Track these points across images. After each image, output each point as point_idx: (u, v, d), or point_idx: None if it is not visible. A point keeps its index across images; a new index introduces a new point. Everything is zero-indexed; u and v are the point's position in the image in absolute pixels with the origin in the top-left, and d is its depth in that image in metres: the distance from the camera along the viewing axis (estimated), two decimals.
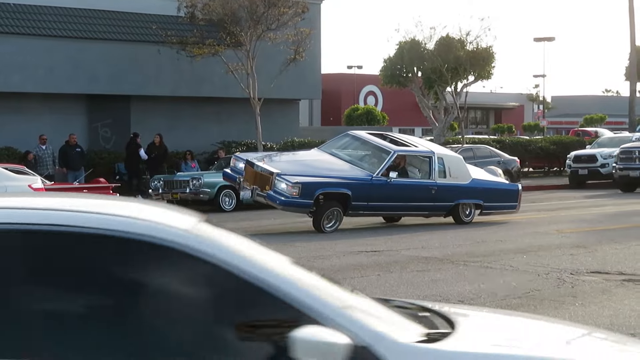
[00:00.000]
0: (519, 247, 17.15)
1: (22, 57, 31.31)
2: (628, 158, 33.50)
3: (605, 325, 10.15)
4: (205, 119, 36.11)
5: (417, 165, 22.08)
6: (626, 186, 33.64)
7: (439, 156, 21.97)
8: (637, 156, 33.24)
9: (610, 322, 10.36)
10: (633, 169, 33.22)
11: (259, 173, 20.31)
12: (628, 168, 33.30)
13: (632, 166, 33.26)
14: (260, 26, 32.55)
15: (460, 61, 39.42)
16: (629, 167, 33.30)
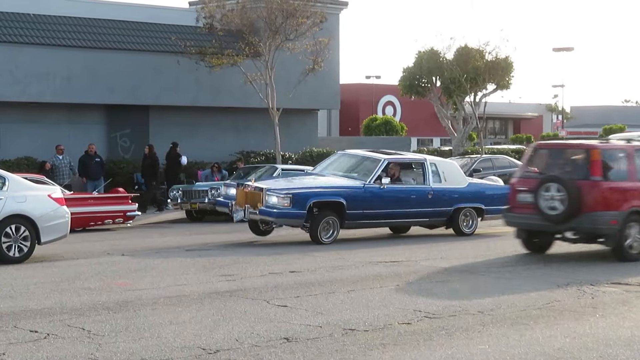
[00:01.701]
0: (539, 257, 17.11)
1: (41, 67, 31.47)
2: None
3: (625, 337, 10.15)
4: (223, 129, 36.20)
5: (411, 174, 22.13)
6: None
7: (431, 162, 22.07)
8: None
9: (631, 334, 10.36)
10: None
11: (249, 192, 20.39)
12: None
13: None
14: (278, 36, 32.64)
15: (479, 71, 39.42)
16: None
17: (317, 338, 10.04)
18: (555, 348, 9.58)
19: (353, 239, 21.23)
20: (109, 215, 24.87)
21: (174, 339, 9.97)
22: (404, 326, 10.70)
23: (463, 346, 9.68)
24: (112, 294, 13.00)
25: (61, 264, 16.71)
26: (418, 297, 12.70)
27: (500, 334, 10.30)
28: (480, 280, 14.28)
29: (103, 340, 9.91)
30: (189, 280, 14.32)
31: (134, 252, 18.64)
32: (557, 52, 76.64)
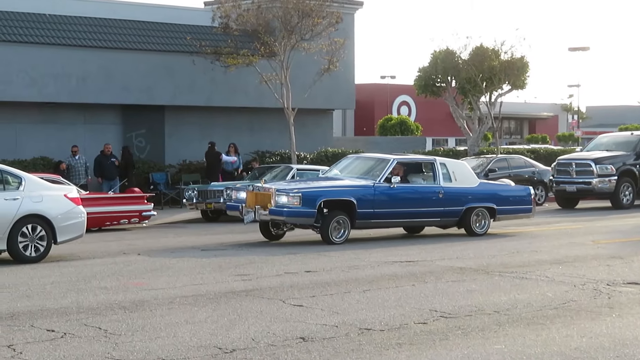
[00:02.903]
0: (555, 257, 17.10)
1: (57, 68, 31.58)
2: (564, 171, 31.34)
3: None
4: (238, 129, 36.25)
5: (421, 174, 22.15)
6: (564, 201, 31.77)
7: (441, 162, 22.08)
8: (573, 169, 31.00)
9: None
10: (569, 182, 31.13)
11: (259, 194, 20.43)
12: (564, 182, 31.18)
13: (568, 180, 31.16)
14: (294, 36, 32.67)
15: (494, 71, 39.32)
16: (565, 180, 31.16)
17: (333, 337, 10.05)
18: (572, 348, 9.57)
19: (368, 239, 21.23)
20: (124, 215, 24.94)
21: (190, 338, 10.00)
22: (420, 326, 10.70)
23: (479, 346, 9.67)
24: (129, 293, 13.04)
25: (77, 264, 16.77)
26: (434, 296, 12.70)
27: (517, 333, 10.28)
28: (496, 280, 14.27)
29: (120, 340, 9.94)
30: (204, 280, 14.35)
31: (150, 252, 18.69)
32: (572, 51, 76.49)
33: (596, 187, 30.37)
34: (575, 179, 30.90)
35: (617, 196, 30.46)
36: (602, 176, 30.33)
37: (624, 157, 31.03)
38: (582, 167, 30.81)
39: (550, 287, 13.49)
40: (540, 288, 13.46)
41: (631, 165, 30.88)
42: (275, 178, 26.99)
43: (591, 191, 30.72)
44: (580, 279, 14.25)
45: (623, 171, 30.59)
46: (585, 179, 30.57)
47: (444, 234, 22.27)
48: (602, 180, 30.30)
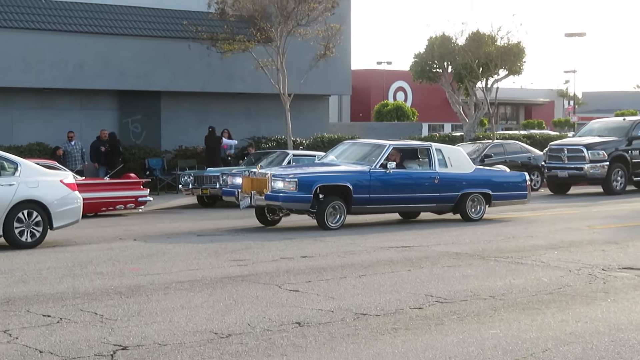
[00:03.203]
0: (550, 243, 17.11)
1: (54, 54, 31.51)
2: (556, 157, 31.34)
3: (637, 321, 10.13)
4: (235, 115, 36.22)
5: (417, 160, 22.15)
6: (555, 187, 31.76)
7: (436, 148, 22.10)
8: (565, 155, 31.01)
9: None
10: (561, 168, 31.08)
11: (255, 179, 20.42)
12: (556, 167, 31.18)
13: (559, 165, 31.15)
14: (290, 22, 32.60)
15: (491, 56, 39.30)
16: (557, 166, 31.23)
17: (328, 322, 10.05)
18: (567, 332, 9.57)
19: (364, 224, 21.24)
20: (120, 201, 24.93)
21: (186, 323, 9.99)
22: (416, 311, 10.70)
23: (474, 331, 9.67)
24: (125, 278, 13.04)
25: (73, 249, 16.76)
26: (430, 282, 12.70)
27: (512, 318, 10.29)
28: (492, 265, 14.27)
29: (116, 325, 9.93)
30: (200, 265, 14.35)
31: (146, 237, 18.68)
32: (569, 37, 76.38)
33: (588, 172, 30.35)
34: (567, 164, 30.88)
35: (609, 182, 30.44)
36: (594, 162, 30.30)
37: (615, 142, 30.99)
38: (573, 153, 30.78)
39: (546, 272, 13.50)
40: (535, 273, 13.47)
41: (623, 151, 30.84)
42: (272, 164, 26.98)
43: (583, 177, 30.71)
44: (575, 264, 14.27)
45: (615, 157, 30.55)
46: (577, 165, 30.54)
47: (440, 219, 22.28)
48: (593, 165, 30.27)
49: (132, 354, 8.70)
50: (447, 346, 9.01)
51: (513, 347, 8.96)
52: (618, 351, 8.82)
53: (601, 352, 8.79)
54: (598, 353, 8.74)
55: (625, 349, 8.93)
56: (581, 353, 8.74)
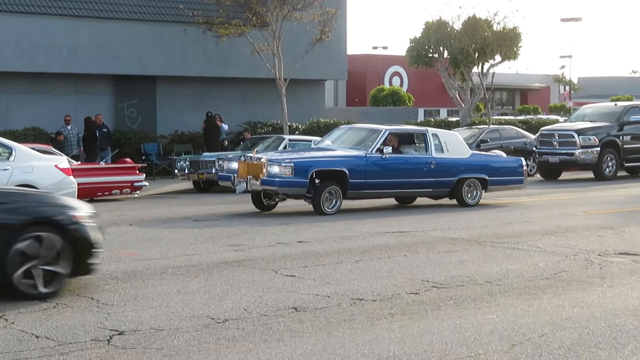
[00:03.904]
0: (546, 228, 17.12)
1: (48, 38, 31.43)
2: (547, 142, 31.22)
3: (633, 307, 10.15)
4: (231, 100, 36.18)
5: (413, 145, 22.14)
6: (547, 172, 31.64)
7: (433, 133, 22.09)
8: (556, 140, 30.87)
9: (639, 303, 10.35)
10: (552, 154, 30.94)
11: (251, 164, 20.41)
12: (547, 153, 31.03)
13: (550, 151, 30.99)
14: (286, 6, 32.54)
15: (487, 42, 39.28)
16: (548, 152, 31.02)
17: (325, 308, 10.06)
18: (564, 318, 9.59)
19: (360, 209, 21.23)
20: (116, 186, 24.88)
21: (183, 308, 9.99)
22: (412, 296, 10.71)
23: (471, 316, 9.68)
24: (121, 263, 13.02)
25: None
26: (426, 267, 12.71)
27: (508, 303, 10.30)
28: (488, 250, 14.28)
29: (112, 310, 9.93)
30: (197, 250, 14.34)
31: (142, 222, 18.66)
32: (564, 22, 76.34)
33: (579, 158, 30.29)
34: (558, 150, 30.78)
35: (600, 167, 30.38)
36: (585, 147, 30.24)
37: (607, 128, 30.93)
38: (564, 139, 30.72)
39: (542, 258, 13.51)
40: (532, 258, 13.47)
41: (614, 137, 30.79)
42: (268, 148, 26.94)
43: (574, 162, 30.67)
44: (571, 250, 14.28)
45: (606, 142, 30.49)
46: (568, 150, 30.49)
47: (436, 204, 22.28)
48: (584, 151, 30.21)
49: (129, 339, 8.70)
50: (443, 331, 9.02)
51: (509, 332, 8.97)
52: (614, 336, 8.84)
53: (597, 337, 8.80)
54: (594, 338, 8.75)
55: (621, 334, 8.94)
56: (577, 338, 8.75)
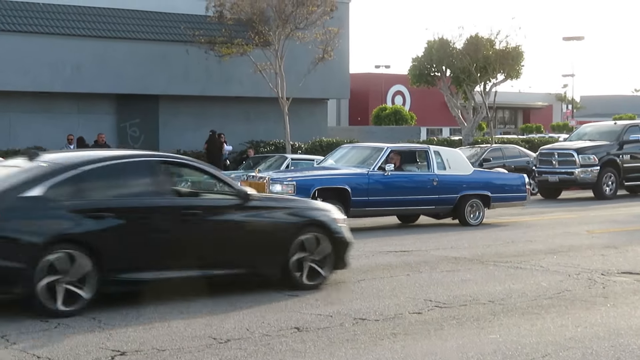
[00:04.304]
0: (549, 247, 17.09)
1: (51, 57, 31.51)
2: (546, 161, 30.94)
3: (637, 326, 10.12)
4: (233, 119, 36.21)
5: (415, 162, 22.15)
6: (546, 191, 31.32)
7: (435, 150, 22.10)
8: (556, 159, 30.69)
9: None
10: (552, 172, 30.65)
11: (253, 183, 20.41)
12: (546, 172, 30.72)
13: (550, 170, 30.71)
14: (288, 25, 32.61)
15: (489, 60, 39.35)
16: (548, 170, 30.70)
17: (327, 327, 10.03)
18: (567, 337, 9.56)
19: (362, 228, 21.20)
20: None
21: (185, 328, 9.97)
22: (415, 316, 10.68)
23: (474, 336, 9.66)
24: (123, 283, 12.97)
25: None
26: (429, 286, 12.68)
27: (512, 323, 10.27)
28: (491, 270, 14.25)
29: (114, 330, 9.91)
30: None
31: None
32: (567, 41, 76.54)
33: (578, 177, 30.12)
34: (557, 168, 30.57)
35: (600, 186, 30.22)
36: (584, 166, 30.09)
37: (607, 146, 30.81)
38: (564, 157, 30.59)
39: (545, 277, 13.48)
40: (534, 278, 13.44)
41: (614, 155, 30.65)
42: (270, 167, 26.97)
43: (574, 181, 30.49)
44: (574, 269, 14.24)
45: (606, 161, 30.35)
46: (567, 169, 30.35)
47: (439, 224, 22.25)
48: (584, 170, 30.06)
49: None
50: (446, 351, 8.99)
51: (513, 352, 8.94)
52: (618, 356, 8.81)
53: (601, 357, 8.77)
54: (598, 358, 8.73)
55: (625, 354, 8.91)
56: (581, 358, 8.73)
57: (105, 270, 10.80)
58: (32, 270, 10.30)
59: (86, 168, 11.21)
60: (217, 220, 11.89)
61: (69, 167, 11.15)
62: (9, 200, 10.58)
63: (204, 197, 12.57)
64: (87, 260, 10.65)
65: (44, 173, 10.96)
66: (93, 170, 11.27)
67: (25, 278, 10.30)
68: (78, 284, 10.63)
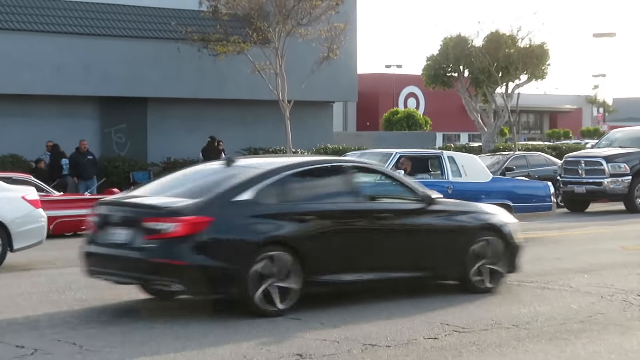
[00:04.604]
0: (580, 265, 17.05)
1: (30, 56, 31.54)
2: (572, 170, 30.66)
3: None
4: (229, 124, 36.22)
5: (427, 169, 22.11)
6: (572, 204, 31.00)
7: (449, 155, 22.14)
8: (582, 168, 30.37)
9: None
10: (578, 183, 30.41)
11: None
12: (572, 182, 30.44)
13: (576, 180, 30.45)
14: (290, 21, 32.63)
15: (511, 59, 39.34)
16: (573, 180, 30.44)
17: (333, 354, 10.00)
18: None
19: None
20: None
21: (175, 354, 9.94)
22: (430, 341, 10.65)
23: None
24: (106, 305, 12.98)
25: (50, 273, 16.70)
26: (445, 308, 12.64)
27: (538, 349, 10.23)
28: (515, 290, 14.21)
29: (96, 357, 9.90)
30: None
31: None
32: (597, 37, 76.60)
33: (608, 187, 29.86)
34: (584, 178, 30.30)
35: (632, 198, 29.95)
36: (614, 176, 29.90)
37: (639, 154, 30.67)
38: (592, 166, 30.33)
39: (575, 298, 13.44)
40: (563, 299, 13.41)
41: None
42: None
43: (602, 192, 30.22)
44: (608, 289, 14.20)
45: (638, 170, 30.21)
46: (595, 179, 30.11)
47: None
48: (614, 180, 29.86)
49: None
50: None
51: None
52: None
53: None
54: None
55: None
56: None
57: (307, 272, 12.23)
58: (246, 272, 11.72)
59: (287, 173, 12.77)
60: (405, 223, 13.53)
61: (272, 172, 12.68)
62: (224, 204, 12.03)
63: (391, 201, 13.92)
64: (293, 261, 12.10)
65: (251, 178, 12.46)
66: (293, 175, 12.85)
67: (239, 279, 11.70)
68: (285, 285, 12.05)
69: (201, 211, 11.79)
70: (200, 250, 11.69)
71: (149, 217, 11.89)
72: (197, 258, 11.65)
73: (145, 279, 12.12)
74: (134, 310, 12.51)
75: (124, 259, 12.02)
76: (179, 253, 11.60)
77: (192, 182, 12.98)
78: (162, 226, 11.70)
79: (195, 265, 11.63)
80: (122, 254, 12.05)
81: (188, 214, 11.72)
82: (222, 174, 12.92)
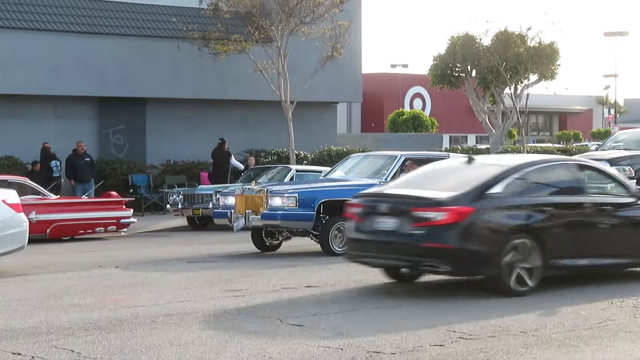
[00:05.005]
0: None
1: (24, 55, 31.57)
2: None
3: None
4: (230, 125, 36.24)
5: None
6: None
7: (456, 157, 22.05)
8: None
9: None
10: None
11: (250, 197, 20.41)
12: None
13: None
14: (292, 19, 32.65)
15: (520, 59, 39.30)
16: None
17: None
18: None
19: None
20: (100, 223, 24.94)
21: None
22: (437, 348, 10.68)
23: None
24: (105, 311, 13.02)
25: (47, 278, 16.74)
26: (451, 314, 12.67)
27: (546, 357, 10.26)
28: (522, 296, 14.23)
29: None
30: (191, 296, 14.34)
31: (129, 264, 18.67)
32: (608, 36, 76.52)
33: None
34: None
35: None
36: None
37: None
38: None
39: (584, 305, 13.46)
40: (572, 305, 13.41)
41: None
42: (272, 180, 27.00)
43: None
44: (619, 296, 14.21)
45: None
46: None
47: None
48: None
49: None
50: None
51: None
52: None
53: None
54: None
55: None
56: None
57: (548, 256, 14.32)
58: (500, 255, 13.86)
59: (527, 170, 15.01)
60: (621, 215, 15.53)
61: (515, 169, 14.88)
62: (480, 197, 14.15)
63: (609, 195, 15.93)
64: (535, 247, 14.18)
65: (499, 174, 14.61)
66: (532, 171, 15.06)
67: (495, 262, 13.85)
68: (528, 270, 14.16)
69: (464, 202, 13.92)
70: (465, 236, 13.80)
71: (417, 207, 13.99)
72: (463, 242, 13.76)
73: (415, 262, 14.22)
74: (133, 318, 12.55)
75: (393, 244, 14.22)
76: (448, 238, 13.73)
77: (442, 178, 15.30)
78: (430, 215, 13.81)
79: (462, 249, 13.77)
80: (390, 240, 14.24)
81: (454, 204, 13.83)
82: (469, 170, 15.16)
